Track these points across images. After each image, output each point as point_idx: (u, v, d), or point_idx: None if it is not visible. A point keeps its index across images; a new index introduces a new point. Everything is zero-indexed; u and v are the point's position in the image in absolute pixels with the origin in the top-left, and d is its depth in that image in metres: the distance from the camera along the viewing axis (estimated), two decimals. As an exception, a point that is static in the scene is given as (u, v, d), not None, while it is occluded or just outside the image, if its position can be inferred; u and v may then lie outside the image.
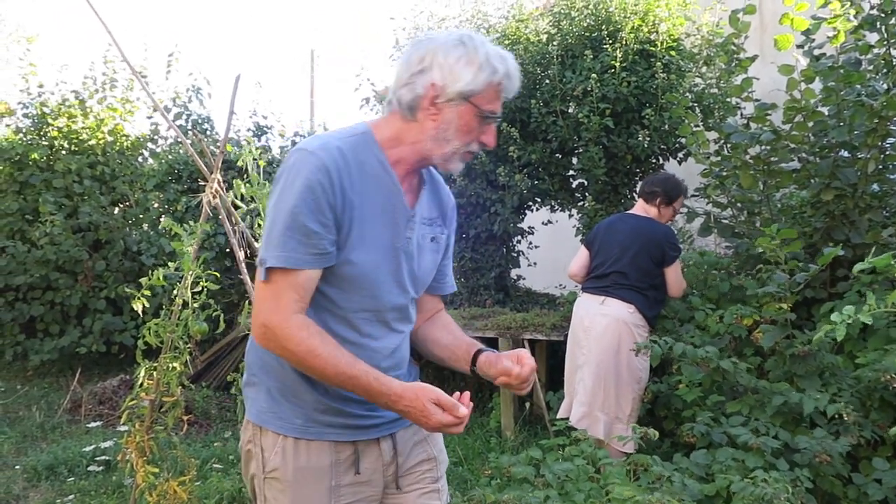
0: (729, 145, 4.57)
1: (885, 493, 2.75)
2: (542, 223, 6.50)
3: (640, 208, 4.18)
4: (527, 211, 6.48)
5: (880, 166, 4.09)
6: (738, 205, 4.82)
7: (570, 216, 6.27)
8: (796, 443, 2.89)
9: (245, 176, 2.73)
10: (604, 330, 3.87)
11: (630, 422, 3.80)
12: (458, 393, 1.58)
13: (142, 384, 2.66)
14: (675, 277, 3.99)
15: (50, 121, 7.82)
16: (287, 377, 1.64)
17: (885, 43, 3.88)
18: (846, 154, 4.18)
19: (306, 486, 1.65)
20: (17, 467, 4.85)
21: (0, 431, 5.66)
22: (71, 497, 4.29)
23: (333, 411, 1.66)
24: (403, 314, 1.76)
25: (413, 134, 1.65)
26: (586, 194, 5.92)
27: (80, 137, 7.96)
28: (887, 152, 4.08)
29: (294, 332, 1.50)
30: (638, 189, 4.45)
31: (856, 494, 2.84)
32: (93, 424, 5.84)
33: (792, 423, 3.19)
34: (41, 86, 7.99)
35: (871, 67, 4.06)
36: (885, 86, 3.92)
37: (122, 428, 5.21)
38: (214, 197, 2.52)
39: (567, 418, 3.91)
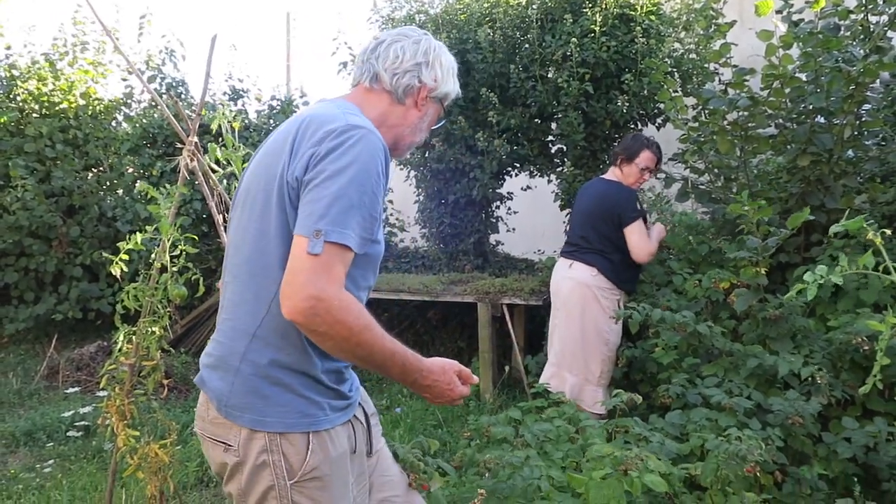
0: (707, 111, 4.59)
1: (854, 451, 2.83)
2: (521, 189, 6.51)
3: (610, 172, 4.24)
4: (506, 176, 6.47)
5: (856, 132, 4.13)
6: (716, 170, 4.85)
7: (549, 182, 6.28)
8: (769, 404, 2.95)
9: (220, 140, 2.70)
10: (569, 293, 3.96)
11: (601, 383, 3.87)
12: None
13: (121, 348, 2.65)
14: (634, 240, 3.93)
15: (19, 83, 7.64)
16: (312, 369, 1.60)
17: (864, 9, 3.90)
18: (822, 120, 4.22)
19: (341, 474, 1.64)
20: (-5, 434, 4.83)
21: (-24, 398, 5.62)
22: (50, 462, 4.28)
23: (339, 394, 1.67)
24: None
25: (395, 117, 1.77)
26: (565, 160, 5.92)
27: (51, 100, 7.80)
28: (863, 118, 4.12)
29: (353, 305, 1.46)
30: None
31: (825, 452, 2.91)
32: (71, 390, 5.82)
33: (765, 384, 3.26)
34: (9, 47, 7.80)
35: (848, 34, 4.08)
36: (862, 52, 3.94)
37: (101, 393, 5.19)
38: (192, 160, 2.49)
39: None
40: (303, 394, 1.59)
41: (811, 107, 4.12)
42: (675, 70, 5.64)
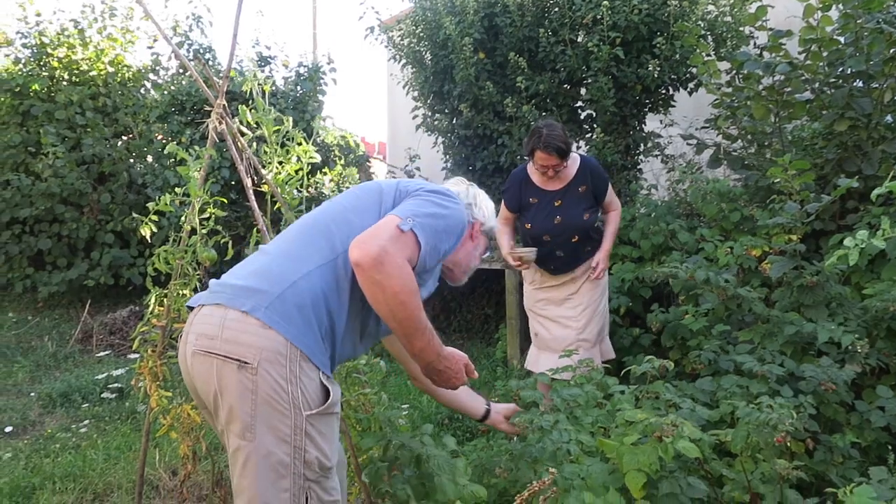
0: (741, 75, 4.49)
1: (888, 420, 2.78)
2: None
3: None
4: (534, 143, 6.39)
5: (896, 96, 4.02)
6: (749, 136, 4.75)
7: (578, 148, 6.20)
8: (802, 371, 2.91)
9: (250, 103, 2.69)
10: None
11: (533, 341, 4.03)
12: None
13: (152, 311, 2.67)
14: None
15: (49, 51, 7.69)
16: (340, 325, 1.78)
17: (907, -33, 3.76)
18: (861, 84, 4.10)
19: (337, 415, 1.83)
20: (32, 395, 4.95)
21: (14, 360, 5.76)
22: (86, 422, 4.38)
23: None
24: None
25: None
26: (595, 126, 5.84)
27: (81, 68, 7.85)
28: (904, 82, 4.00)
29: (410, 273, 1.68)
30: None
31: (858, 421, 2.87)
32: (104, 353, 5.93)
33: (800, 352, 3.21)
34: (39, 14, 7.83)
35: (891, -7, 3.95)
36: (905, 12, 3.82)
37: (133, 356, 5.29)
38: (220, 123, 2.48)
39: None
40: (323, 343, 1.74)
41: (850, 70, 4.01)
42: (708, 33, 5.52)
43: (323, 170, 6.90)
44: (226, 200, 2.82)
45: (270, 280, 1.72)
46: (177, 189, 2.65)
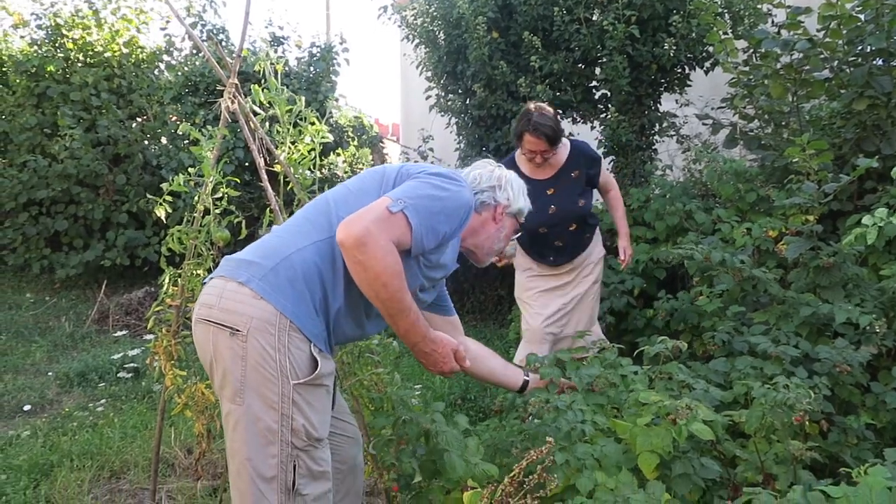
0: (759, 54, 4.43)
1: (904, 402, 2.77)
2: (565, 136, 6.39)
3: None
4: (548, 123, 6.34)
5: (917, 74, 3.95)
6: (766, 116, 4.69)
7: (593, 128, 6.15)
8: (817, 352, 2.89)
9: (263, 83, 2.68)
10: None
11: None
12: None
13: (167, 291, 2.68)
14: None
15: (64, 32, 7.70)
16: (334, 302, 1.82)
17: (931, -59, 3.69)
18: (881, 62, 4.04)
19: (329, 387, 1.87)
20: (50, 374, 5.01)
21: (32, 340, 5.82)
22: (102, 402, 4.43)
23: (328, 339, 1.87)
24: None
25: (476, 222, 2.09)
26: (609, 105, 5.78)
27: (95, 49, 7.86)
28: (926, 60, 3.94)
29: (393, 255, 1.71)
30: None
31: (874, 402, 2.85)
32: (120, 334, 5.99)
33: (816, 333, 3.18)
34: (54, -6, 7.85)
35: (913, -32, 3.88)
36: (927, -12, 3.75)
37: (149, 337, 5.33)
38: (233, 102, 2.48)
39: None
40: (317, 316, 1.80)
41: (870, 48, 3.95)
42: (725, 11, 5.43)
43: (336, 150, 6.88)
44: (239, 181, 2.82)
45: (266, 253, 1.82)
46: (191, 170, 2.66)
